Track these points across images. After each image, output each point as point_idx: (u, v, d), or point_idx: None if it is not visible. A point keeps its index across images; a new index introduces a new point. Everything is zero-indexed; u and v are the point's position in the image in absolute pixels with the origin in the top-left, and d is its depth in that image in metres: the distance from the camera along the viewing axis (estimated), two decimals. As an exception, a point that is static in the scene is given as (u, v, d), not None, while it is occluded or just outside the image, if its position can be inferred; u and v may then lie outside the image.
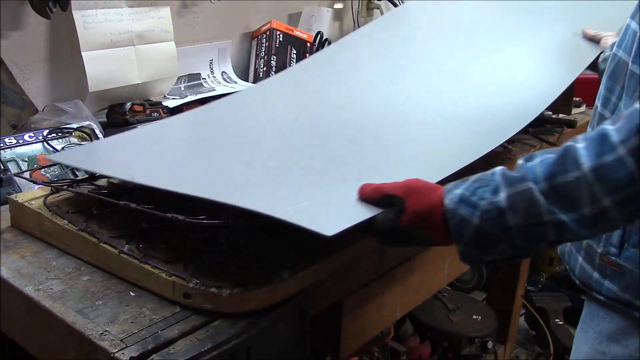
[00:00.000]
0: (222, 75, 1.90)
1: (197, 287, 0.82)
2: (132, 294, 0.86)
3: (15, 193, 1.11)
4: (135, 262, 0.87)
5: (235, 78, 1.92)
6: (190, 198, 0.83)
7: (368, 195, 0.84)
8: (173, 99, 1.69)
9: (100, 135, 1.40)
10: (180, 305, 0.83)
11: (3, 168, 1.23)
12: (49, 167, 1.23)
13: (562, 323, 2.23)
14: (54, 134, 1.35)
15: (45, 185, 1.07)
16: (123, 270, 0.89)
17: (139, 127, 1.22)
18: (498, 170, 0.77)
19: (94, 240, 0.92)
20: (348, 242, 0.93)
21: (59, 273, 0.91)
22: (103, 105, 1.57)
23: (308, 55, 1.96)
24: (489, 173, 0.78)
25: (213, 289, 0.81)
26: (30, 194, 1.05)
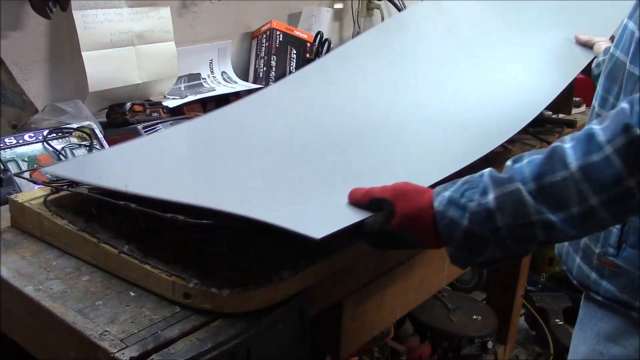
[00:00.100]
0: (222, 75, 1.90)
1: (197, 287, 0.82)
2: (132, 294, 0.86)
3: (15, 193, 1.11)
4: (135, 262, 0.87)
5: (235, 78, 1.92)
6: (182, 204, 0.83)
7: (358, 199, 0.85)
8: (173, 99, 1.69)
9: (100, 135, 1.40)
10: (180, 305, 0.83)
11: (3, 168, 1.23)
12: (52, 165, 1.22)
13: (562, 323, 2.23)
14: (54, 134, 1.35)
15: (45, 185, 1.07)
16: (123, 270, 0.89)
17: (135, 140, 1.23)
18: (486, 172, 0.78)
19: (94, 240, 0.92)
20: (348, 242, 0.93)
21: (59, 273, 0.91)
22: (103, 105, 1.57)
23: (308, 55, 1.96)
24: (478, 175, 0.78)
25: (213, 289, 0.81)
26: (30, 194, 1.05)
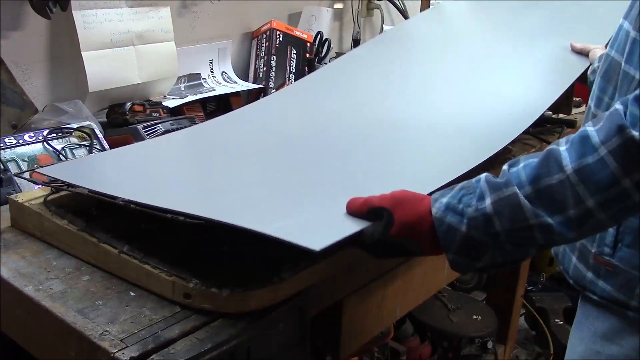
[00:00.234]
0: (222, 75, 1.90)
1: (197, 287, 0.82)
2: (132, 294, 0.86)
3: (15, 193, 1.11)
4: (135, 262, 0.87)
5: (235, 78, 1.92)
6: (180, 214, 0.83)
7: (356, 209, 0.84)
8: (173, 99, 1.69)
9: (100, 135, 1.40)
10: (180, 305, 0.83)
11: (3, 168, 1.23)
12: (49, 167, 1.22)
13: (562, 323, 2.22)
14: (54, 134, 1.35)
15: (45, 185, 1.07)
16: (123, 270, 0.89)
17: (135, 144, 1.24)
18: (483, 177, 0.78)
19: (94, 240, 0.92)
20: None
21: (59, 273, 0.91)
22: (103, 105, 1.57)
23: (308, 55, 1.97)
24: (474, 180, 0.78)
25: (213, 289, 0.81)
26: (30, 194, 1.05)
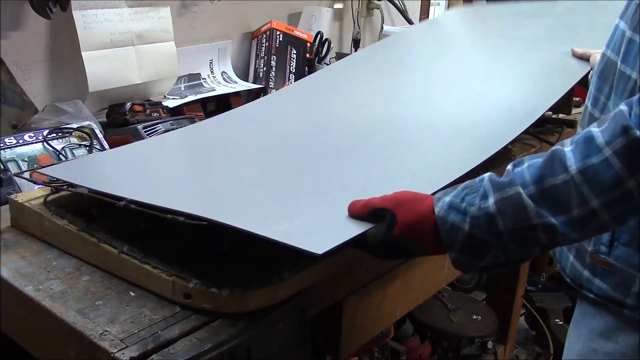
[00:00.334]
0: (222, 75, 1.90)
1: (197, 287, 0.82)
2: (132, 294, 0.86)
3: (15, 193, 1.11)
4: (135, 262, 0.87)
5: (235, 78, 1.92)
6: (182, 214, 0.83)
7: (358, 211, 0.84)
8: (173, 99, 1.69)
9: (100, 135, 1.40)
10: (180, 305, 0.83)
11: (3, 168, 1.23)
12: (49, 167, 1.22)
13: (562, 323, 2.22)
14: (54, 134, 1.35)
15: (45, 185, 1.07)
16: (123, 270, 0.89)
17: (135, 144, 1.23)
18: (486, 176, 0.78)
19: (94, 240, 0.92)
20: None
21: (59, 273, 0.91)
22: (103, 105, 1.57)
23: (308, 55, 1.97)
24: (478, 179, 0.78)
25: (213, 289, 0.81)
26: (30, 194, 1.05)
